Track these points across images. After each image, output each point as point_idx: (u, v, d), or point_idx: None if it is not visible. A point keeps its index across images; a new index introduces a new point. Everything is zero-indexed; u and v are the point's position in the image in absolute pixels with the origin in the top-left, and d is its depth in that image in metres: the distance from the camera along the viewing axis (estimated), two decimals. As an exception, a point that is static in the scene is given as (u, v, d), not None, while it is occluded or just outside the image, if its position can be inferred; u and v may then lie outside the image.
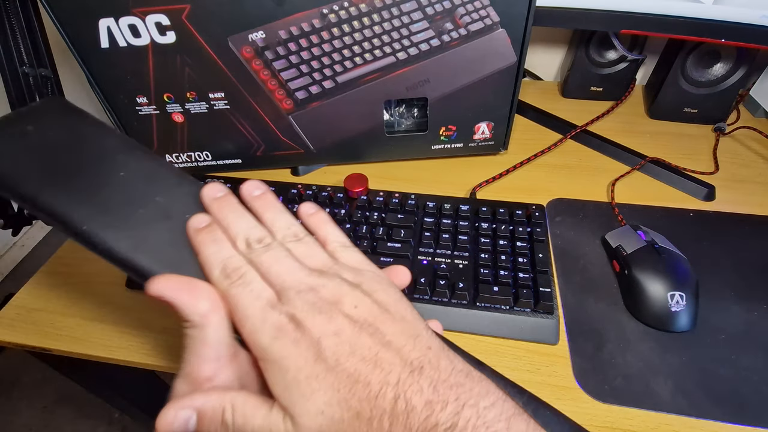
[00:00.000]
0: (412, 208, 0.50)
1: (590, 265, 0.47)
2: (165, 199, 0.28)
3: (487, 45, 0.49)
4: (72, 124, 0.30)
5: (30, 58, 0.45)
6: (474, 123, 0.56)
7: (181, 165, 0.57)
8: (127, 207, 0.27)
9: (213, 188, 0.27)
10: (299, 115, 0.52)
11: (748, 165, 0.61)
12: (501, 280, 0.43)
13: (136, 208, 0.27)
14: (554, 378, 0.39)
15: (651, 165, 0.59)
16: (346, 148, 0.57)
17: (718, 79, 0.64)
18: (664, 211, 0.53)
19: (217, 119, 0.52)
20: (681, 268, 0.43)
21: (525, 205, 0.50)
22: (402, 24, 0.47)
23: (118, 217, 0.26)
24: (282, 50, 0.47)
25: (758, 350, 0.40)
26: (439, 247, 0.47)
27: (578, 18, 0.56)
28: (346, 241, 0.27)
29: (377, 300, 0.23)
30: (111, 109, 0.50)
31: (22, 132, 0.28)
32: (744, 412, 0.36)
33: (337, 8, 0.45)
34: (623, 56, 0.67)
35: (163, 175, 0.29)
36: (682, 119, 0.68)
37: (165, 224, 0.27)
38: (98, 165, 0.28)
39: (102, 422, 1.08)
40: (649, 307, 0.42)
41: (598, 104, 0.71)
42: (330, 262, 0.25)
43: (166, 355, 0.40)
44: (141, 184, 0.28)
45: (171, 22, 0.44)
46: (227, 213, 0.26)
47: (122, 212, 0.27)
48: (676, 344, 0.41)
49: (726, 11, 0.52)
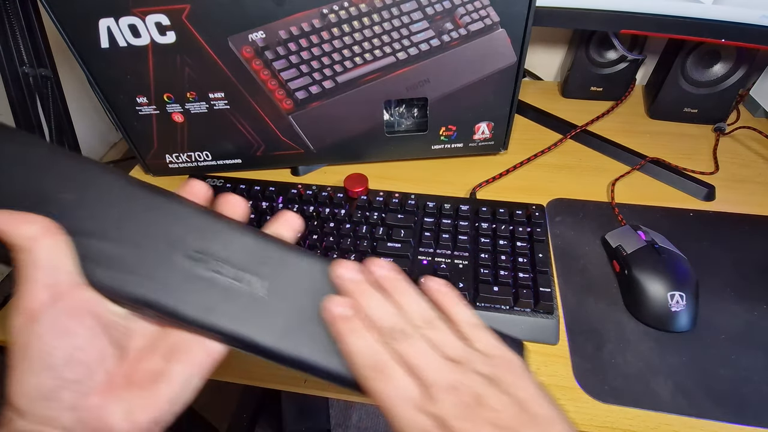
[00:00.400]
0: (412, 208, 0.50)
1: (590, 265, 0.47)
2: (288, 279, 0.26)
3: (487, 45, 0.49)
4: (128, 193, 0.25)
5: (30, 58, 0.46)
6: (474, 123, 0.56)
7: (181, 165, 0.57)
8: (250, 297, 0.25)
9: (348, 268, 0.26)
10: (299, 115, 0.52)
11: (748, 165, 0.61)
12: (501, 280, 0.43)
13: (258, 294, 0.25)
14: (554, 378, 0.39)
15: (651, 165, 0.59)
16: (346, 148, 0.57)
17: (718, 79, 0.64)
18: (664, 211, 0.53)
19: (217, 119, 0.52)
20: (681, 268, 0.43)
21: (525, 205, 0.50)
22: (402, 24, 0.47)
23: (255, 313, 0.25)
24: (282, 50, 0.47)
25: (758, 350, 0.40)
26: (439, 247, 0.47)
27: (578, 18, 0.56)
28: (476, 320, 0.27)
29: (518, 399, 0.23)
30: (111, 109, 0.50)
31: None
32: (744, 412, 0.36)
33: (337, 8, 0.45)
34: (623, 56, 0.67)
35: (272, 248, 0.26)
36: (682, 119, 0.68)
37: (293, 304, 0.25)
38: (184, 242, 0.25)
39: (102, 422, 1.08)
40: (649, 307, 0.42)
41: (598, 104, 0.71)
42: (464, 349, 0.25)
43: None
44: (253, 263, 0.26)
45: (171, 22, 0.44)
46: (367, 299, 0.26)
47: (253, 304, 0.25)
48: (676, 344, 0.41)
49: (726, 11, 0.52)
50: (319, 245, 0.47)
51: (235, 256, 0.25)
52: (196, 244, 0.25)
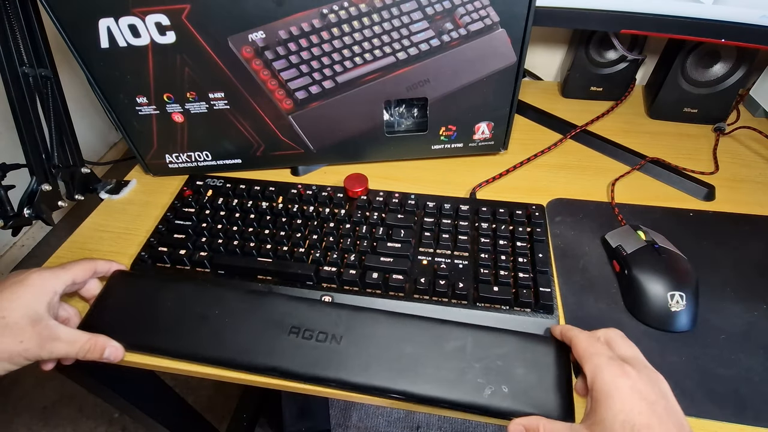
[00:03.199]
0: (412, 208, 0.50)
1: (590, 265, 0.47)
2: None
3: (487, 45, 0.49)
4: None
5: (30, 58, 0.45)
6: (474, 123, 0.56)
7: (181, 165, 0.57)
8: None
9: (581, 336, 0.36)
10: (299, 115, 0.52)
11: (748, 165, 0.61)
12: (501, 280, 0.43)
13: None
14: (554, 378, 0.39)
15: (651, 165, 0.59)
16: (346, 148, 0.57)
17: (718, 79, 0.64)
18: (664, 211, 0.53)
19: (217, 119, 0.52)
20: (681, 268, 0.43)
21: (525, 205, 0.50)
22: (402, 24, 0.47)
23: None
24: (282, 50, 0.47)
25: (758, 350, 0.40)
26: (439, 247, 0.47)
27: (578, 18, 0.56)
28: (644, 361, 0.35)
29: (661, 390, 0.31)
30: (111, 109, 0.50)
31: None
32: (744, 412, 0.36)
33: (337, 8, 0.45)
34: (623, 56, 0.67)
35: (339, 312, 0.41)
36: (682, 119, 0.68)
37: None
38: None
39: (102, 422, 1.08)
40: (649, 307, 0.42)
41: (598, 104, 0.71)
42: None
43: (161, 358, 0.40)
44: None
45: (171, 22, 0.44)
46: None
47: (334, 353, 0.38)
48: (676, 344, 0.41)
49: (726, 11, 0.52)
50: (319, 245, 0.47)
51: (315, 323, 0.39)
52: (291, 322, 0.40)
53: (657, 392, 0.31)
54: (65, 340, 0.36)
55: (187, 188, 0.54)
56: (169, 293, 0.42)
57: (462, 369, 0.37)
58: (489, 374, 0.36)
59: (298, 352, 0.38)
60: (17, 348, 0.34)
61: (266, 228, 0.48)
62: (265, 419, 1.03)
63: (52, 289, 0.37)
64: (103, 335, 0.38)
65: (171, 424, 0.69)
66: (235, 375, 0.39)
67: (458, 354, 0.38)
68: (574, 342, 0.35)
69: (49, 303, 0.37)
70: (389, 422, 1.04)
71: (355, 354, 0.38)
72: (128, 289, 0.42)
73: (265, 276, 0.45)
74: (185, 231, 0.49)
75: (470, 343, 0.38)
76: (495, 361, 0.37)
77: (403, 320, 0.40)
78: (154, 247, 0.47)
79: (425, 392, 0.36)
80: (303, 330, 0.39)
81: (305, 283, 0.44)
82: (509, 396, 0.35)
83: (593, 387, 0.31)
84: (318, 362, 0.37)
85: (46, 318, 0.36)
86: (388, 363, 0.37)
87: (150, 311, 0.41)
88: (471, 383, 0.36)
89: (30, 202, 0.47)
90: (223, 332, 0.39)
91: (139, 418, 0.63)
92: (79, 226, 0.53)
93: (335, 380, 0.36)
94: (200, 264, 0.46)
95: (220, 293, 0.42)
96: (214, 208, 0.51)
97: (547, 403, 0.35)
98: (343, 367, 0.37)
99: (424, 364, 0.37)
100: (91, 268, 0.42)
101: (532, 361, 0.37)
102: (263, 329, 0.39)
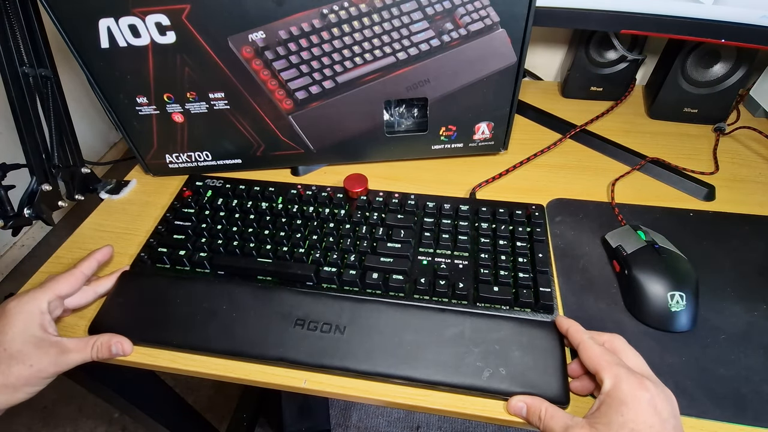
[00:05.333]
0: (412, 208, 0.50)
1: (590, 265, 0.47)
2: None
3: (487, 45, 0.49)
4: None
5: (30, 58, 0.45)
6: (474, 123, 0.56)
7: (181, 165, 0.57)
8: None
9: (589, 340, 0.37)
10: (299, 115, 0.52)
11: (748, 165, 0.61)
12: (501, 280, 0.43)
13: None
14: (554, 378, 0.39)
15: (651, 165, 0.59)
16: (346, 148, 0.57)
17: (718, 79, 0.64)
18: (664, 211, 0.53)
19: (217, 119, 0.52)
20: (681, 268, 0.43)
21: (525, 205, 0.50)
22: (402, 24, 0.47)
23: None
24: (282, 50, 0.47)
25: (758, 350, 0.40)
26: (439, 247, 0.47)
27: (578, 18, 0.56)
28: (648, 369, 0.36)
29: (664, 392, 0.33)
30: (111, 109, 0.50)
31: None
32: (744, 412, 0.36)
33: (337, 8, 0.45)
34: (623, 56, 0.67)
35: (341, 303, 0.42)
36: (682, 119, 0.68)
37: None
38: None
39: (102, 422, 1.08)
40: (649, 307, 0.42)
41: (598, 104, 0.71)
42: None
43: (166, 356, 0.40)
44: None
45: (171, 22, 0.44)
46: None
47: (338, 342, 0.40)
48: (676, 344, 0.41)
49: (726, 11, 0.52)
50: (319, 246, 0.47)
51: (320, 315, 0.41)
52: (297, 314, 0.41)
53: (670, 411, 0.32)
54: (75, 350, 0.37)
55: (187, 189, 0.54)
56: (178, 291, 0.43)
57: (461, 353, 0.38)
58: (487, 357, 0.38)
59: (304, 342, 0.39)
60: (29, 372, 0.35)
61: (266, 228, 0.48)
62: (265, 419, 1.03)
63: (37, 310, 0.37)
64: (106, 333, 0.39)
65: (171, 424, 0.69)
66: (241, 372, 0.39)
67: (457, 339, 0.39)
68: (584, 348, 0.36)
69: (41, 324, 0.37)
70: (389, 422, 1.04)
71: (359, 343, 0.39)
72: (137, 289, 0.44)
73: (265, 276, 0.45)
74: (185, 232, 0.49)
75: (468, 329, 0.40)
76: (492, 345, 0.39)
77: (403, 310, 0.41)
78: (154, 248, 0.47)
79: (427, 376, 0.37)
80: (308, 322, 0.41)
81: (305, 284, 0.44)
82: (507, 377, 0.37)
83: (609, 393, 0.32)
84: (324, 352, 0.39)
85: (46, 337, 0.36)
86: (390, 350, 0.39)
87: (161, 308, 0.42)
88: (470, 366, 0.38)
89: (30, 202, 0.47)
90: (232, 326, 0.41)
91: (139, 418, 0.63)
92: (79, 226, 0.53)
93: (341, 368, 0.38)
94: (200, 264, 0.46)
95: (227, 290, 0.43)
96: (214, 209, 0.51)
97: (543, 383, 0.37)
98: (348, 356, 0.39)
99: (425, 350, 0.39)
100: (78, 278, 0.41)
101: (528, 344, 0.39)
102: (270, 322, 0.41)
